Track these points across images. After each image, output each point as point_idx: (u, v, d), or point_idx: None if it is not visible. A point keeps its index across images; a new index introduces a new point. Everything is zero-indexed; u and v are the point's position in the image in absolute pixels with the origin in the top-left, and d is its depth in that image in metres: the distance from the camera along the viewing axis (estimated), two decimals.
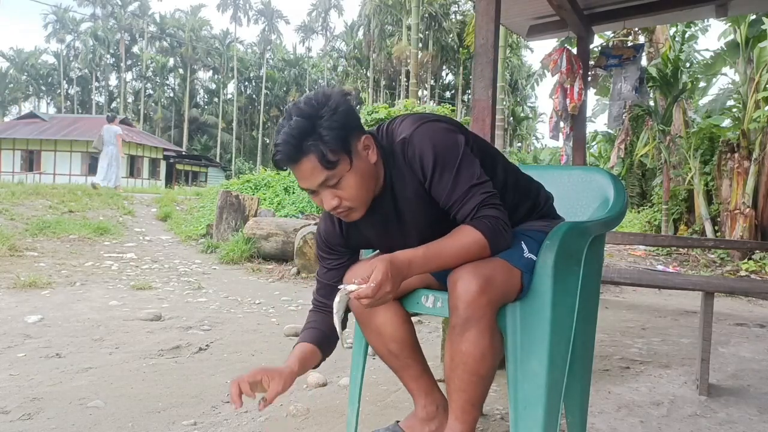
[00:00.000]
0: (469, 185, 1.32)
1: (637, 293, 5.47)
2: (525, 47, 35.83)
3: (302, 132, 1.25)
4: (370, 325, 1.56)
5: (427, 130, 1.36)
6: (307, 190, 1.35)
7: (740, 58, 8.33)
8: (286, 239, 6.13)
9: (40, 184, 11.94)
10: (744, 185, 7.67)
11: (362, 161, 1.34)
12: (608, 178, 1.77)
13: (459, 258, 1.30)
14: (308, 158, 1.26)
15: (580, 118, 4.74)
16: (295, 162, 1.28)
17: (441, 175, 1.33)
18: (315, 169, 1.27)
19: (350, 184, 1.32)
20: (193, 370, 2.66)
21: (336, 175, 1.29)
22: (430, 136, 1.34)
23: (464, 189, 1.32)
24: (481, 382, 1.37)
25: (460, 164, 1.33)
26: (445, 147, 1.33)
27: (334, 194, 1.33)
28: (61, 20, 54.30)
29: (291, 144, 1.25)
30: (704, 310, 2.43)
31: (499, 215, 1.32)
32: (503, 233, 1.32)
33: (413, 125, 1.37)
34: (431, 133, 1.35)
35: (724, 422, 2.11)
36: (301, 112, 1.27)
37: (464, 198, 1.32)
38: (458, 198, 1.32)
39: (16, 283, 4.51)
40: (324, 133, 1.25)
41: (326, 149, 1.25)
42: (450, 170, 1.32)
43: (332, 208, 1.35)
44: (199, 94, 60.98)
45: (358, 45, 45.95)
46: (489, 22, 2.67)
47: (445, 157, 1.33)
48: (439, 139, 1.34)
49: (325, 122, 1.26)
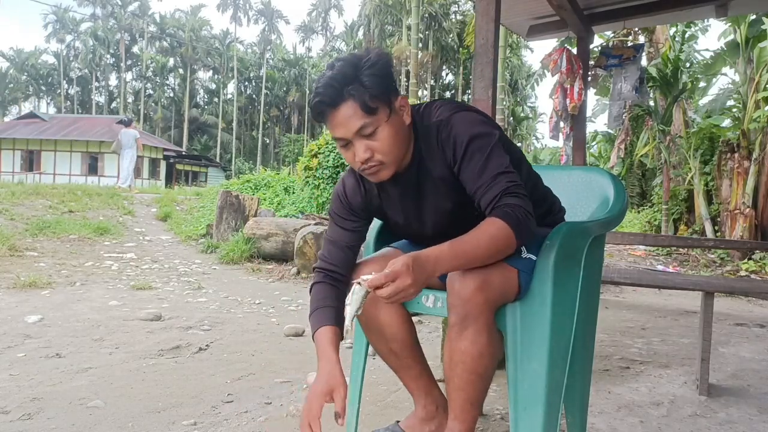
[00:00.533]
0: (497, 172, 1.31)
1: (637, 293, 5.47)
2: (525, 47, 35.82)
3: (345, 77, 1.27)
4: (371, 324, 1.56)
5: (464, 116, 1.38)
6: (340, 139, 1.34)
7: (740, 58, 8.33)
8: (286, 239, 6.13)
9: (40, 184, 11.96)
10: (744, 185, 7.67)
11: (398, 118, 1.35)
12: (608, 178, 1.77)
13: (487, 249, 1.25)
14: (348, 103, 1.28)
15: (580, 118, 4.74)
16: (334, 106, 1.29)
17: (471, 158, 1.33)
18: (354, 115, 1.28)
19: (385, 136, 1.32)
20: (193, 370, 2.66)
21: (373, 123, 1.30)
22: (467, 122, 1.37)
23: (491, 175, 1.31)
24: (480, 380, 1.37)
25: (491, 152, 1.33)
26: (480, 134, 1.35)
27: (368, 146, 1.32)
28: (61, 20, 54.30)
29: (333, 87, 1.27)
30: (704, 310, 2.43)
31: (522, 204, 1.28)
32: (526, 221, 1.28)
33: (451, 110, 1.39)
34: (468, 119, 1.37)
35: (724, 422, 2.11)
36: (344, 60, 1.31)
37: (490, 183, 1.31)
38: (484, 182, 1.32)
39: (16, 283, 4.51)
40: (365, 80, 1.28)
41: (367, 95, 1.27)
42: (481, 155, 1.33)
43: (363, 161, 1.33)
44: (199, 94, 60.98)
45: (358, 45, 45.92)
46: (489, 22, 2.67)
47: (478, 142, 1.34)
48: (476, 126, 1.36)
49: (367, 70, 1.28)
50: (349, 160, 1.38)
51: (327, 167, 9.49)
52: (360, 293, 1.23)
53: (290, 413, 2.09)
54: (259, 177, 11.38)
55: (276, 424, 2.01)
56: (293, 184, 10.37)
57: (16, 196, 8.22)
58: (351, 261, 1.54)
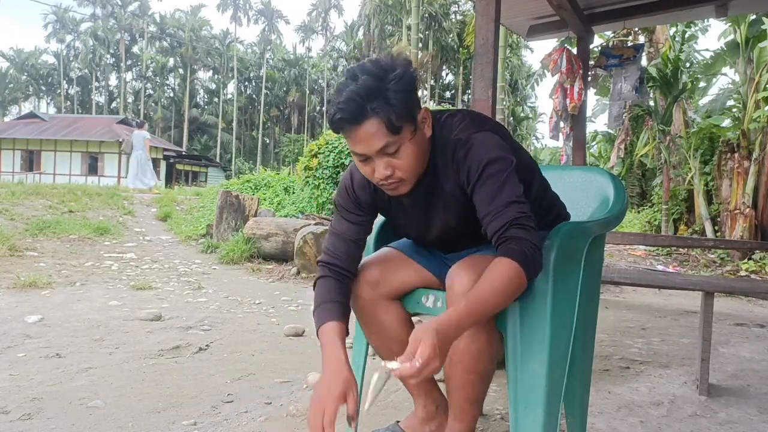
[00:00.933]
0: (508, 201, 1.27)
1: (637, 293, 5.47)
2: (525, 47, 35.82)
3: (369, 92, 1.19)
4: (372, 325, 1.56)
5: (484, 138, 1.33)
6: (360, 155, 1.28)
7: (740, 58, 8.33)
8: (286, 239, 6.13)
9: (40, 184, 11.98)
10: (744, 185, 7.67)
11: (421, 133, 1.31)
12: (608, 178, 1.77)
13: (504, 295, 1.22)
14: (372, 121, 1.21)
15: (580, 118, 4.74)
16: (357, 123, 1.21)
17: (485, 183, 1.29)
18: (378, 133, 1.22)
19: (408, 154, 1.27)
20: (193, 370, 2.66)
21: (397, 142, 1.24)
22: (486, 145, 1.31)
23: (502, 203, 1.27)
24: (480, 380, 1.37)
25: (506, 179, 1.29)
26: (496, 159, 1.30)
27: (389, 163, 1.27)
28: (61, 20, 54.30)
29: (356, 103, 1.19)
30: (704, 310, 2.43)
31: (528, 237, 1.25)
32: (533, 255, 1.24)
33: (472, 130, 1.34)
34: (487, 143, 1.32)
35: (724, 422, 2.11)
36: (369, 72, 1.21)
37: (499, 211, 1.27)
38: (493, 209, 1.28)
39: (16, 283, 4.51)
40: (391, 96, 1.20)
41: (393, 113, 1.20)
42: (494, 182, 1.29)
43: (383, 178, 1.29)
44: (199, 94, 61.00)
45: (358, 45, 45.94)
46: (489, 22, 2.67)
47: (493, 167, 1.29)
48: (493, 151, 1.31)
49: (394, 85, 1.20)
50: (368, 175, 1.32)
51: (327, 167, 9.49)
52: (383, 379, 1.17)
53: (290, 413, 2.09)
54: (259, 177, 11.38)
55: (276, 424, 2.01)
56: (293, 184, 10.37)
57: (16, 196, 8.22)
58: (356, 254, 1.50)
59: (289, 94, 55.20)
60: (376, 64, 1.24)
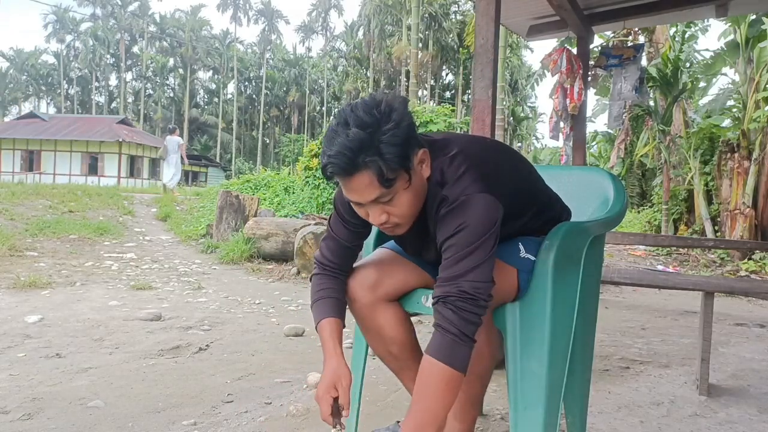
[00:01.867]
0: (462, 271, 1.21)
1: (637, 293, 5.47)
2: (525, 47, 35.81)
3: (361, 145, 1.15)
4: (370, 327, 1.55)
5: (471, 203, 1.25)
6: (354, 203, 1.27)
7: (740, 58, 8.33)
8: (286, 239, 6.13)
9: (40, 184, 11.99)
10: (744, 185, 7.67)
11: (418, 178, 1.26)
12: (608, 178, 1.77)
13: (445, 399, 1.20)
14: (364, 173, 1.17)
15: (580, 118, 4.74)
16: (348, 175, 1.18)
17: (451, 246, 1.24)
18: (370, 186, 1.19)
19: (403, 202, 1.25)
20: (193, 370, 2.66)
21: (391, 193, 1.22)
22: (469, 211, 1.24)
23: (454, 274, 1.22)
24: (479, 380, 1.37)
25: (475, 247, 1.22)
26: (473, 227, 1.23)
27: (384, 210, 1.25)
28: (61, 20, 54.30)
29: (347, 157, 1.15)
30: (704, 310, 2.43)
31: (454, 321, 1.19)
32: (456, 347, 1.19)
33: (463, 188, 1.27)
34: (472, 208, 1.24)
35: (724, 422, 2.11)
36: (361, 123, 1.16)
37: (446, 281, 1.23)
38: (444, 276, 1.24)
39: (16, 283, 4.51)
40: (385, 149, 1.16)
41: (385, 167, 1.16)
42: (461, 248, 1.23)
43: (379, 224, 1.28)
44: (199, 94, 60.99)
45: (358, 45, 45.92)
46: (489, 22, 2.67)
47: (466, 235, 1.23)
48: (474, 218, 1.24)
49: (387, 137, 1.16)
50: (363, 216, 1.31)
51: None
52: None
53: (290, 413, 2.09)
54: (259, 177, 11.39)
55: (276, 424, 2.01)
56: (293, 184, 10.37)
57: (16, 196, 8.23)
58: (351, 257, 1.51)
59: (289, 94, 55.20)
60: (368, 111, 1.18)
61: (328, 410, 1.30)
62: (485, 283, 1.21)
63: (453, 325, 1.19)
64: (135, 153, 31.18)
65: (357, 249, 1.53)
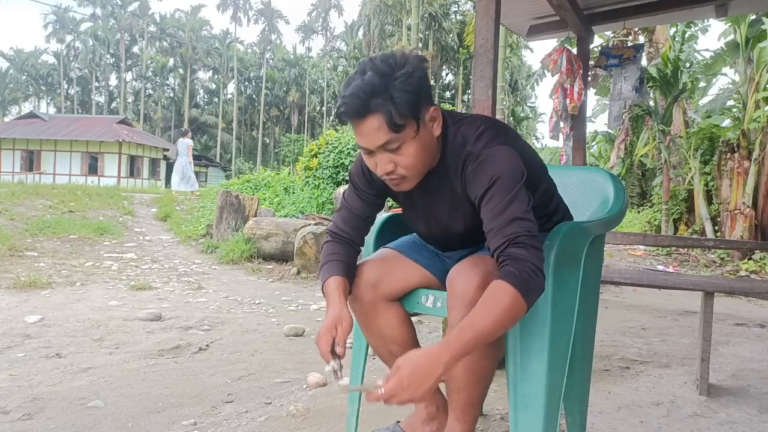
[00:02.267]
0: (512, 217, 1.24)
1: (637, 293, 5.47)
2: (525, 47, 35.82)
3: (374, 88, 1.22)
4: (371, 327, 1.56)
5: (495, 153, 1.30)
6: (363, 149, 1.31)
7: (740, 58, 8.34)
8: (286, 239, 6.13)
9: (40, 184, 12.00)
10: (744, 185, 7.67)
11: (427, 132, 1.30)
12: (608, 178, 1.77)
13: (500, 325, 1.17)
14: (375, 117, 1.23)
15: (580, 118, 4.73)
16: (360, 117, 1.24)
17: (491, 198, 1.27)
18: (379, 130, 1.24)
19: (410, 152, 1.28)
20: (193, 370, 2.66)
21: (399, 139, 1.26)
22: (496, 160, 1.29)
23: (506, 219, 1.24)
24: (481, 381, 1.37)
25: (514, 195, 1.26)
26: (507, 176, 1.28)
27: (391, 159, 1.29)
28: (61, 20, 54.30)
29: (360, 98, 1.22)
30: (704, 310, 2.43)
31: (528, 257, 1.20)
32: (534, 278, 1.19)
33: (485, 143, 1.32)
34: (498, 157, 1.29)
35: (724, 422, 2.11)
36: (376, 69, 1.23)
37: (501, 228, 1.24)
38: (497, 226, 1.25)
39: (16, 283, 4.51)
40: (396, 94, 1.22)
41: (395, 111, 1.22)
42: (501, 197, 1.26)
43: (385, 173, 1.31)
44: (199, 94, 60.98)
45: (358, 45, 45.91)
46: (489, 22, 2.67)
47: (503, 184, 1.27)
48: (504, 167, 1.28)
49: (399, 84, 1.22)
50: (371, 167, 1.35)
51: (327, 167, 9.49)
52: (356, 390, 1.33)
53: (290, 413, 2.09)
54: (259, 177, 11.40)
55: (276, 424, 2.01)
56: (293, 184, 10.38)
57: (16, 196, 8.23)
58: (363, 229, 1.56)
59: (289, 94, 55.20)
60: (385, 60, 1.25)
61: (327, 348, 1.33)
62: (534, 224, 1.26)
63: (529, 261, 1.19)
64: (135, 153, 31.18)
65: (369, 221, 1.57)
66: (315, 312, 4.02)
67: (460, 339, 1.14)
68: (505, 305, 1.15)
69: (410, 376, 1.10)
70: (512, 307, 1.16)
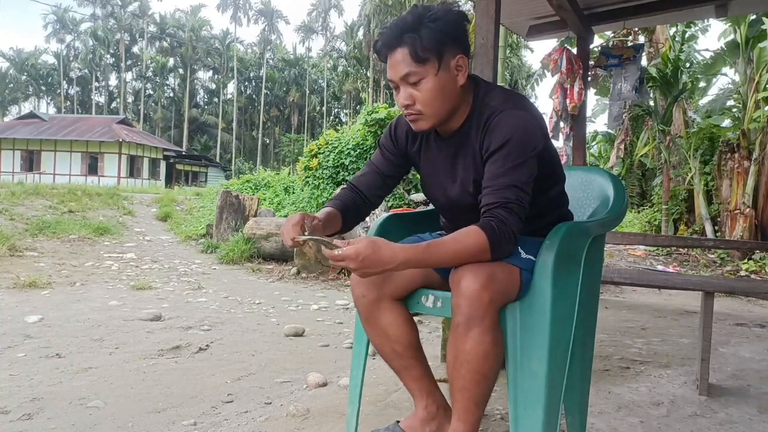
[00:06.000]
0: (513, 183, 1.32)
1: (637, 293, 5.47)
2: (525, 47, 35.81)
3: (406, 25, 1.35)
4: (375, 325, 1.56)
5: (519, 116, 1.37)
6: (391, 82, 1.41)
7: (740, 58, 8.33)
8: None
9: (40, 184, 11.99)
10: (744, 185, 7.67)
11: (449, 75, 1.38)
12: (608, 178, 1.77)
13: (460, 260, 1.30)
14: (401, 48, 1.35)
15: (580, 118, 4.73)
16: (390, 48, 1.36)
17: (498, 158, 1.35)
18: (403, 61, 1.35)
19: (429, 88, 1.36)
20: (193, 370, 2.66)
21: (420, 73, 1.35)
22: (517, 123, 1.36)
23: (505, 183, 1.32)
24: (485, 381, 1.37)
25: (519, 164, 1.33)
26: (522, 141, 1.34)
27: (410, 94, 1.38)
28: (61, 20, 54.29)
29: (393, 31, 1.36)
30: (704, 310, 2.43)
31: (512, 222, 1.30)
32: (507, 240, 1.30)
33: (512, 105, 1.39)
34: (520, 120, 1.36)
35: (724, 422, 2.11)
36: (413, 11, 1.37)
37: (498, 189, 1.33)
38: (495, 185, 1.33)
39: (16, 283, 4.51)
40: (423, 30, 1.33)
41: (420, 45, 1.32)
42: (506, 161, 1.33)
43: (404, 106, 1.40)
44: (199, 94, 60.98)
45: (358, 45, 45.92)
46: (489, 22, 2.67)
47: (513, 148, 1.34)
48: (523, 132, 1.35)
49: (429, 23, 1.33)
50: (397, 102, 1.44)
51: (327, 167, 9.48)
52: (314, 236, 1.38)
53: (290, 413, 2.09)
54: (259, 177, 11.40)
55: (276, 424, 2.01)
56: (293, 184, 10.37)
57: (16, 196, 8.23)
58: (379, 185, 1.64)
59: (289, 94, 55.18)
60: (425, 6, 1.38)
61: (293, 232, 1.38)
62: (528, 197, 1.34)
63: (510, 226, 1.30)
64: (135, 153, 31.18)
65: (387, 181, 1.65)
66: (315, 312, 4.02)
67: (422, 253, 1.28)
68: (473, 251, 1.29)
69: (367, 256, 1.23)
70: (478, 253, 1.29)
